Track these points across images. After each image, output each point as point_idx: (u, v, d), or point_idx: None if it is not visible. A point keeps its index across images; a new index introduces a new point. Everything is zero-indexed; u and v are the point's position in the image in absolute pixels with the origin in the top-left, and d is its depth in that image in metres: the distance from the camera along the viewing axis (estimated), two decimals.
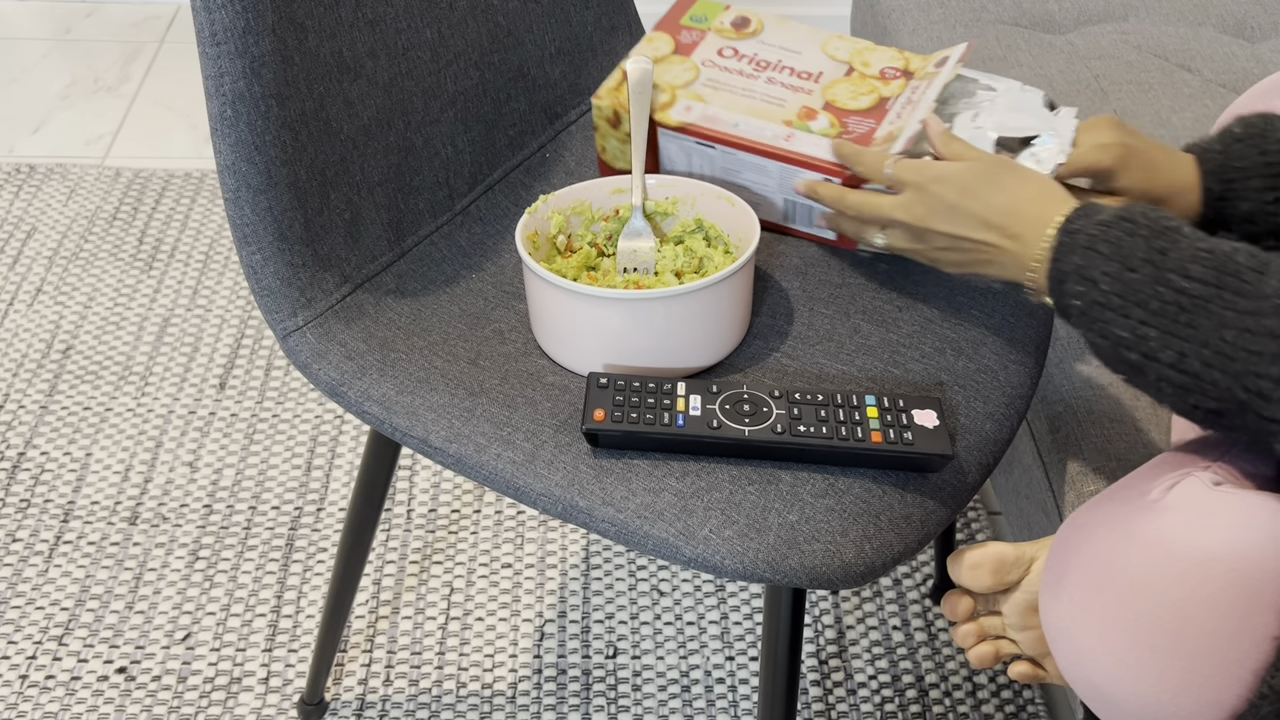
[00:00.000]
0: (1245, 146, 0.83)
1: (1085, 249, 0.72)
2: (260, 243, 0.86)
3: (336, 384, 0.87)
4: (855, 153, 0.88)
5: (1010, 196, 0.79)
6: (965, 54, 0.97)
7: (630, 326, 0.83)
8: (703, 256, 0.91)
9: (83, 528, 1.38)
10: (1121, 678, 0.67)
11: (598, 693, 1.24)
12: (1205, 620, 0.65)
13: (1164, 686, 0.66)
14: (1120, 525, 0.70)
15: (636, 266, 0.91)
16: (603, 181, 0.93)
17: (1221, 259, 0.67)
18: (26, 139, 1.98)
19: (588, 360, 0.85)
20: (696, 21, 1.04)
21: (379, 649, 1.28)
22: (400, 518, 1.41)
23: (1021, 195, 0.79)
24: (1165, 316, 0.68)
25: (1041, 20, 1.52)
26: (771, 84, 0.98)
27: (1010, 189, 0.80)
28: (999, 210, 0.79)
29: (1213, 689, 0.65)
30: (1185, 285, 0.67)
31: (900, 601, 1.33)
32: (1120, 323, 0.70)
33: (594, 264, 0.91)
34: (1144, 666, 0.66)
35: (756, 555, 0.76)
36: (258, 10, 0.80)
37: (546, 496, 0.80)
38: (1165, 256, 0.69)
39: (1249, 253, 0.67)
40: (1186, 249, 0.69)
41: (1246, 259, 0.67)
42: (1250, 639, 0.64)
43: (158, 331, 1.62)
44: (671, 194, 0.93)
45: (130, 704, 1.22)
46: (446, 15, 0.96)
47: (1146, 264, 0.69)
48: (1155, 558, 0.66)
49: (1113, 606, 0.67)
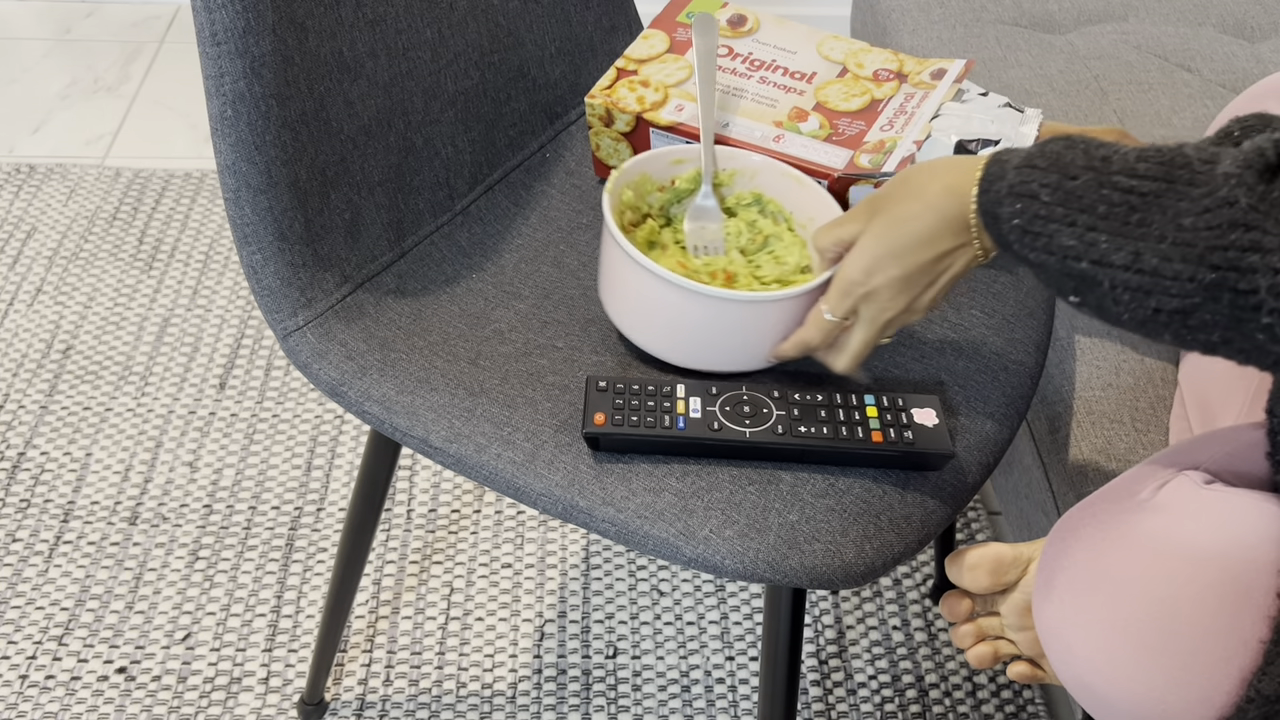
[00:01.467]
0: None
1: (1019, 168, 0.68)
2: (260, 243, 0.86)
3: (336, 384, 0.87)
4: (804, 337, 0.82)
5: (914, 175, 0.75)
6: (964, 73, 0.97)
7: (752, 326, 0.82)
8: (769, 235, 0.90)
9: (83, 528, 1.38)
10: (1113, 676, 0.67)
11: (598, 693, 1.24)
12: (1194, 619, 0.64)
13: (1154, 685, 0.66)
14: (1111, 525, 0.70)
15: (705, 245, 0.89)
16: (662, 152, 0.90)
17: (1169, 154, 0.64)
18: (26, 139, 1.98)
19: (688, 356, 0.84)
20: (693, 19, 1.04)
21: (379, 649, 1.28)
22: (400, 518, 1.41)
23: (927, 168, 0.75)
24: (1114, 219, 0.64)
25: (1041, 20, 1.52)
26: (764, 84, 0.98)
27: (909, 174, 0.76)
28: (907, 190, 0.75)
29: (1202, 688, 0.65)
30: (1133, 184, 0.64)
31: (900, 601, 1.33)
32: (1066, 232, 0.66)
33: (655, 238, 0.90)
34: (1134, 665, 0.66)
35: (757, 555, 0.76)
36: (258, 10, 0.80)
37: (546, 496, 0.80)
38: (1108, 163, 0.65)
39: (1195, 146, 0.64)
40: (1129, 153, 0.65)
41: (1195, 152, 0.63)
42: (1239, 639, 0.64)
43: (158, 331, 1.62)
44: (730, 166, 0.91)
45: (130, 704, 1.22)
46: (446, 15, 0.96)
47: (1088, 170, 0.66)
48: (1145, 557, 0.66)
49: (1103, 606, 0.67)
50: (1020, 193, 0.67)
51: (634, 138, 0.98)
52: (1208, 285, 0.61)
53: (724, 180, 0.91)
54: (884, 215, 0.75)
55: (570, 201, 1.02)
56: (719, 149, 0.91)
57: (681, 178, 0.91)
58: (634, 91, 0.98)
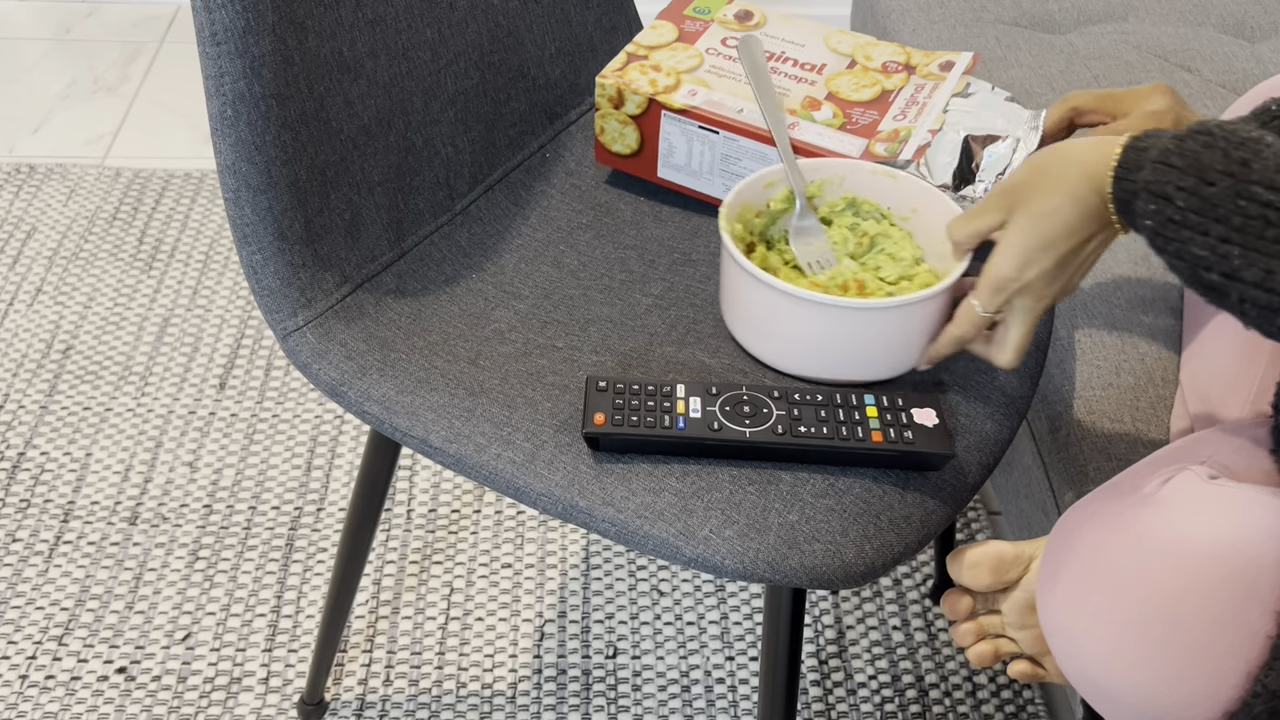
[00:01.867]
0: None
1: (1156, 163, 0.66)
2: (260, 243, 0.85)
3: (336, 384, 0.87)
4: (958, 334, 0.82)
5: (1050, 163, 0.74)
6: (971, 65, 0.98)
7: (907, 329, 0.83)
8: (875, 235, 0.89)
9: (83, 528, 1.38)
10: (1117, 671, 0.67)
11: (598, 693, 1.24)
12: (1199, 614, 0.64)
13: (1159, 679, 0.66)
14: (1115, 519, 0.70)
15: (817, 260, 0.88)
16: (753, 179, 0.89)
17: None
18: (26, 139, 1.98)
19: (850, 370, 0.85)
20: (700, 13, 1.05)
21: (379, 649, 1.28)
22: (400, 518, 1.41)
23: (1060, 154, 0.74)
24: (1249, 233, 0.62)
25: (1041, 20, 1.52)
26: (775, 74, 0.99)
27: (1044, 162, 0.74)
28: (1045, 180, 0.73)
29: (1207, 683, 0.65)
30: (1271, 198, 0.62)
31: (900, 601, 1.33)
32: (1199, 241, 0.64)
33: (767, 264, 0.89)
34: (1139, 660, 0.66)
35: (756, 555, 0.76)
36: (258, 10, 0.80)
37: (546, 496, 0.80)
38: (1247, 168, 0.63)
39: None
40: (1271, 160, 0.63)
41: None
42: (1244, 634, 0.64)
43: (158, 331, 1.62)
44: (817, 177, 0.91)
45: (130, 704, 1.22)
46: (446, 15, 0.96)
47: (1226, 176, 0.63)
48: (1149, 551, 0.66)
49: (1107, 600, 0.67)
50: (1156, 192, 0.66)
51: (644, 121, 0.98)
52: None
53: (814, 192, 0.91)
54: (1026, 208, 0.75)
55: (570, 201, 1.02)
56: (801, 162, 0.91)
57: (774, 199, 0.90)
58: (646, 75, 0.98)
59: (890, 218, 0.90)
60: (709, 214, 0.99)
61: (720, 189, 0.98)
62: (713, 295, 0.93)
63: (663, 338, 0.89)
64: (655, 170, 1.00)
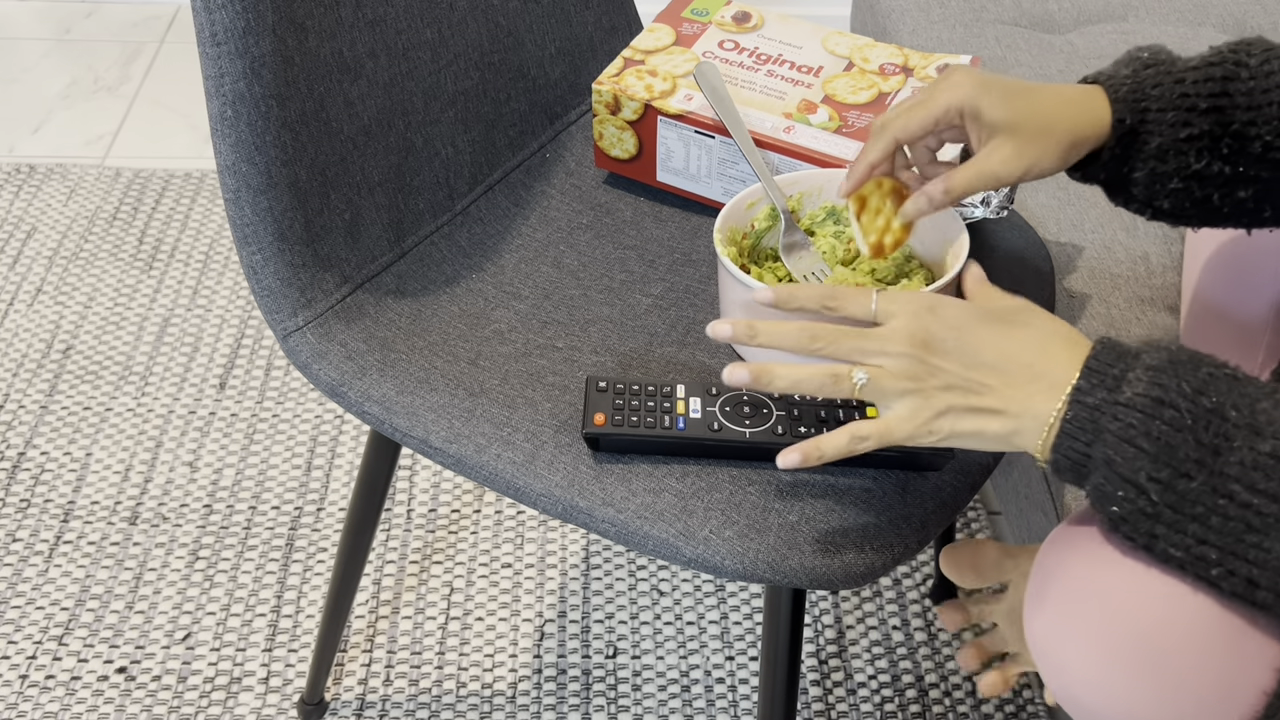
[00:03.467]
0: (1158, 73, 0.76)
1: (1120, 440, 0.61)
2: (260, 243, 0.86)
3: (336, 384, 0.87)
4: (831, 292, 0.72)
5: (1026, 334, 0.68)
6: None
7: None
8: None
9: (83, 528, 1.38)
10: (1104, 694, 0.65)
11: (598, 693, 1.24)
12: (1187, 639, 0.62)
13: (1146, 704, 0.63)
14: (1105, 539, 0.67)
15: (813, 272, 0.88)
16: (735, 202, 0.88)
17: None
18: (26, 139, 1.98)
19: None
20: (698, 15, 1.05)
21: (379, 649, 1.28)
22: (400, 518, 1.41)
23: (1036, 336, 0.67)
24: (1229, 535, 0.59)
25: (1041, 20, 1.52)
26: (772, 77, 0.99)
27: (1029, 326, 0.68)
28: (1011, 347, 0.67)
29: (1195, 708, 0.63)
30: (1251, 500, 0.58)
31: (900, 601, 1.33)
32: (1173, 539, 0.60)
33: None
34: (1125, 684, 0.64)
35: (756, 555, 0.76)
36: (258, 10, 0.80)
37: (546, 497, 0.80)
38: (1220, 457, 0.59)
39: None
40: (1242, 448, 0.59)
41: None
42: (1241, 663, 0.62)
43: (158, 331, 1.62)
44: (796, 191, 0.91)
45: (130, 704, 1.22)
46: (446, 15, 0.96)
47: (1200, 468, 0.59)
48: (1138, 574, 0.64)
49: (1094, 622, 0.65)
50: (1126, 478, 0.61)
51: (641, 126, 0.98)
52: None
53: (794, 206, 0.91)
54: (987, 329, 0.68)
55: (570, 202, 1.02)
56: (782, 178, 0.91)
57: (757, 218, 0.90)
58: (642, 80, 0.98)
59: None
60: (709, 215, 1.00)
61: (719, 192, 0.98)
62: (713, 295, 0.93)
63: (663, 338, 0.89)
64: (654, 174, 1.00)
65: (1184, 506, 0.60)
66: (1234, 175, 0.75)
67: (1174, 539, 0.60)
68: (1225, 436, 0.59)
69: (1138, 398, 0.61)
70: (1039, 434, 0.65)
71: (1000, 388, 0.66)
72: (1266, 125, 0.74)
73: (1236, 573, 0.59)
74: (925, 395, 0.68)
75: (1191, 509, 0.59)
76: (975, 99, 0.75)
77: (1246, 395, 0.60)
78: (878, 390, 0.68)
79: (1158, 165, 0.76)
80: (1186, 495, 0.59)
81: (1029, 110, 0.75)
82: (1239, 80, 0.74)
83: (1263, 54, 0.75)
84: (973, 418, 0.67)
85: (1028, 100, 0.76)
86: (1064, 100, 0.76)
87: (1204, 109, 0.74)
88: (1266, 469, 0.58)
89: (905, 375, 0.68)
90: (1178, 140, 0.75)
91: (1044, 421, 0.65)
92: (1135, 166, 0.76)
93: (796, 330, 0.70)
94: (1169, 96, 0.75)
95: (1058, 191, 1.20)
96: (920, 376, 0.68)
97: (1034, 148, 0.75)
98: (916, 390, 0.68)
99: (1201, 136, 0.75)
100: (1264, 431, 0.59)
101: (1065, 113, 0.76)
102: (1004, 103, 0.75)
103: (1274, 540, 0.58)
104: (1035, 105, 0.75)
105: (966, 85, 0.76)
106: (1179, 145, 0.75)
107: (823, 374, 0.69)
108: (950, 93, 0.76)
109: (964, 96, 0.76)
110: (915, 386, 0.68)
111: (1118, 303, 1.09)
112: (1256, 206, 0.77)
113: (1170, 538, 0.60)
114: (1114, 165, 0.77)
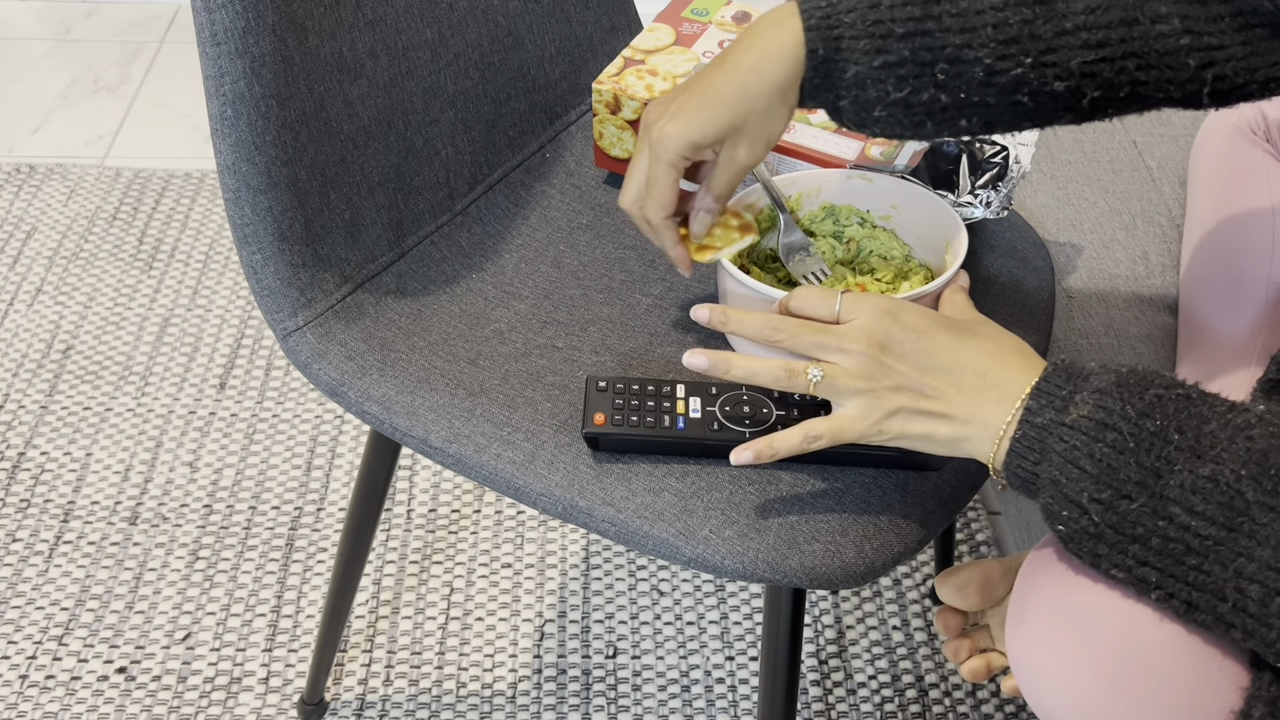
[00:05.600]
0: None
1: (1065, 461, 0.62)
2: (260, 243, 0.86)
3: (336, 384, 0.87)
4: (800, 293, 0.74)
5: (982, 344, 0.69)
6: None
7: None
8: (860, 239, 0.89)
9: (83, 528, 1.38)
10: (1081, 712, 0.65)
11: (598, 693, 1.24)
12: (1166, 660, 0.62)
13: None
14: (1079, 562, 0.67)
15: (814, 273, 0.88)
16: (735, 202, 0.88)
17: (1227, 492, 0.58)
18: (26, 139, 1.98)
19: None
20: (698, 15, 1.05)
21: (379, 649, 1.28)
22: (400, 518, 1.41)
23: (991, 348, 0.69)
24: (1169, 556, 0.59)
25: None
26: None
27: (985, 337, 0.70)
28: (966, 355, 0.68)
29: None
30: (1190, 522, 0.58)
31: (900, 601, 1.33)
32: (1115, 559, 0.61)
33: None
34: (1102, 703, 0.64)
35: (756, 555, 0.76)
36: (258, 10, 0.80)
37: (546, 496, 0.80)
38: (1161, 480, 0.59)
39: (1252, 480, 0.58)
40: (1183, 471, 0.59)
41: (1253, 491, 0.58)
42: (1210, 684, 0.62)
43: (158, 331, 1.62)
44: (794, 192, 0.90)
45: (130, 704, 1.22)
46: (446, 15, 0.96)
47: (1141, 490, 0.60)
48: (1110, 598, 0.64)
49: (1071, 640, 0.65)
50: (1070, 498, 0.62)
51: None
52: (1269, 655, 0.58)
53: (792, 206, 0.91)
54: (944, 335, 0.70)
55: (570, 201, 1.02)
56: (780, 177, 0.90)
57: (757, 218, 0.90)
58: (642, 79, 0.98)
59: (871, 220, 0.90)
60: None
61: None
62: (713, 296, 0.93)
63: (663, 338, 0.89)
64: None
65: (1125, 527, 0.60)
66: (954, 102, 0.70)
67: (1116, 559, 0.61)
68: (1167, 460, 0.59)
69: (1082, 420, 0.62)
70: (989, 443, 0.66)
71: (951, 393, 0.68)
72: (984, 48, 0.68)
73: (1176, 595, 0.59)
74: (877, 395, 0.69)
75: (1133, 530, 0.60)
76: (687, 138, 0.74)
77: (1195, 416, 0.61)
78: (831, 387, 0.69)
79: (859, 94, 0.71)
80: (1127, 516, 0.60)
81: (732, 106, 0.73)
82: (946, 1, 0.68)
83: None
84: (922, 420, 0.68)
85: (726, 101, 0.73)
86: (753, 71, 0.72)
87: (901, 34, 0.69)
88: (1204, 492, 0.58)
89: (860, 374, 0.69)
90: (874, 68, 0.70)
91: (994, 431, 0.66)
92: (840, 95, 0.72)
93: (760, 320, 0.72)
94: (862, 23, 0.69)
95: (1057, 191, 1.20)
96: (874, 376, 0.69)
97: (758, 127, 0.74)
98: (869, 390, 0.69)
99: (901, 64, 0.69)
100: (1205, 455, 0.59)
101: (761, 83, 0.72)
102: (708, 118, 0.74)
103: (1212, 563, 0.58)
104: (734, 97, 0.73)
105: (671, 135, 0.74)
106: (876, 73, 0.70)
107: (778, 367, 0.70)
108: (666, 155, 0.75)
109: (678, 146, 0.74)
110: (868, 386, 0.69)
111: (1117, 303, 1.09)
112: (985, 132, 0.73)
113: (1112, 557, 0.61)
114: (817, 94, 0.73)
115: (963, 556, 1.36)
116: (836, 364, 0.69)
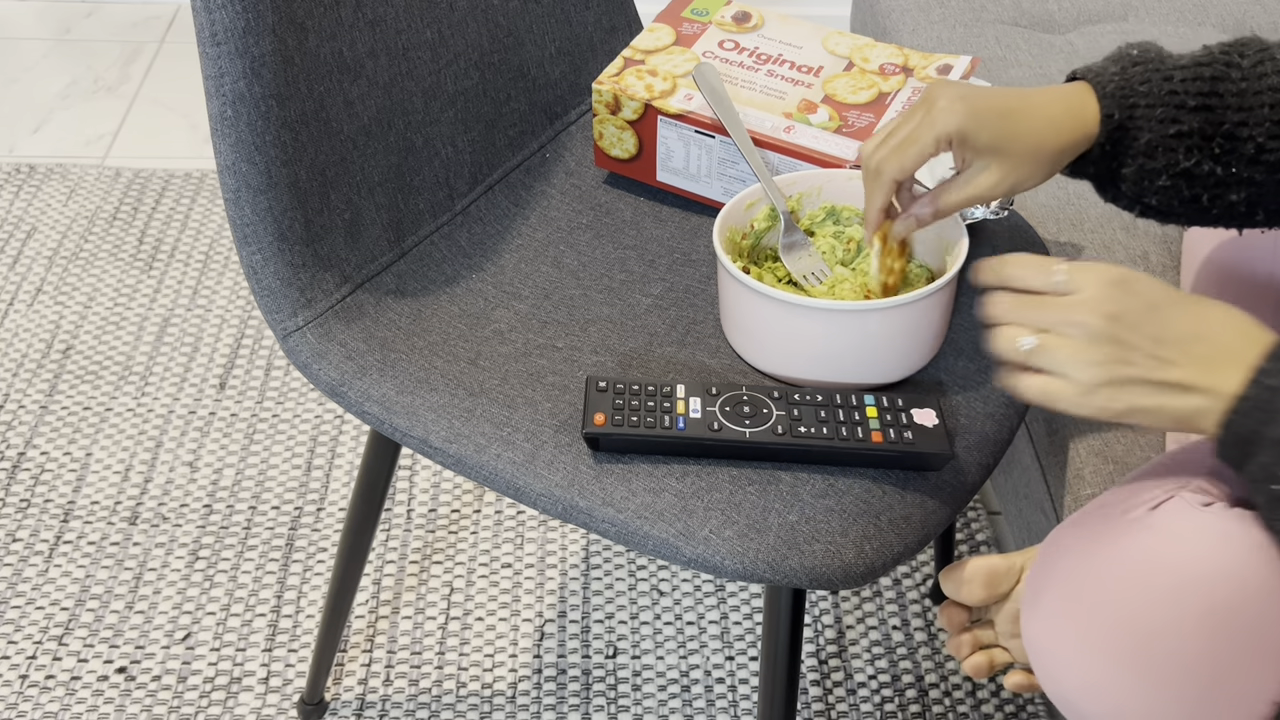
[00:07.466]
0: (1146, 70, 0.76)
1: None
2: (260, 243, 0.86)
3: (336, 384, 0.87)
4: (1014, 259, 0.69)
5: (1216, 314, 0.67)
6: (970, 69, 0.98)
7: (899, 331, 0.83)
8: (859, 240, 0.90)
9: (83, 528, 1.38)
10: (1095, 694, 0.65)
11: (598, 693, 1.24)
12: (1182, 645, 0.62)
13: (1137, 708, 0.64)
14: (1100, 541, 0.68)
15: (813, 273, 0.89)
16: (734, 202, 0.89)
17: None
18: (26, 139, 1.98)
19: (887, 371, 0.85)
20: (698, 15, 1.05)
21: (379, 649, 1.28)
22: (400, 518, 1.41)
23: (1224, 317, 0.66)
24: None
25: (1041, 20, 1.52)
26: (772, 76, 0.99)
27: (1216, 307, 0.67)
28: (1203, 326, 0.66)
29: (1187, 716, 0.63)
30: None
31: (900, 601, 1.33)
32: None
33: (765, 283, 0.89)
34: (1116, 685, 0.64)
35: (756, 555, 0.76)
36: (258, 10, 0.80)
37: (546, 496, 0.80)
38: None
39: None
40: None
41: None
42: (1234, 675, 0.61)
43: (158, 331, 1.62)
44: (795, 191, 0.91)
45: (130, 704, 1.22)
46: (446, 15, 0.96)
47: None
48: (1134, 579, 0.64)
49: (1087, 622, 0.65)
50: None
51: (641, 126, 0.98)
52: None
53: (794, 206, 0.91)
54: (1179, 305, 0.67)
55: (570, 201, 1.02)
56: (781, 178, 0.91)
57: (756, 219, 0.90)
58: (642, 80, 0.98)
59: None
60: (709, 215, 1.00)
61: (719, 192, 0.98)
62: (713, 295, 0.93)
63: (663, 338, 0.89)
64: (654, 174, 1.00)
65: None
66: (1226, 177, 0.75)
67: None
68: None
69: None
70: (1222, 413, 0.64)
71: (1188, 364, 0.65)
72: (1259, 126, 0.74)
73: None
74: (1108, 367, 0.65)
75: None
76: (964, 127, 0.75)
77: None
78: (1057, 359, 0.66)
79: (1146, 161, 0.76)
80: None
81: (1016, 133, 0.75)
82: (1229, 80, 0.75)
83: (1256, 54, 0.75)
84: (1156, 393, 0.65)
85: (1015, 124, 0.75)
86: (1050, 121, 0.76)
87: (1193, 106, 0.74)
88: None
89: (1090, 348, 0.66)
90: (1166, 136, 0.75)
91: (1229, 400, 0.63)
92: (1124, 162, 0.77)
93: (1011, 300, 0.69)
94: (1157, 93, 0.75)
95: (1058, 191, 1.20)
96: (1107, 350, 0.65)
97: (1021, 169, 0.76)
98: (1099, 363, 0.65)
99: (1190, 134, 0.75)
100: None
101: (1051, 134, 0.76)
102: (992, 127, 0.75)
103: None
104: (1023, 128, 0.76)
105: (955, 114, 0.75)
106: (1168, 141, 0.75)
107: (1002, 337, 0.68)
108: (939, 124, 0.76)
109: (953, 127, 0.75)
110: (1100, 358, 0.65)
111: None
112: (1249, 210, 0.77)
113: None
114: (1103, 161, 0.77)
115: (962, 556, 1.36)
116: (1068, 336, 0.66)
